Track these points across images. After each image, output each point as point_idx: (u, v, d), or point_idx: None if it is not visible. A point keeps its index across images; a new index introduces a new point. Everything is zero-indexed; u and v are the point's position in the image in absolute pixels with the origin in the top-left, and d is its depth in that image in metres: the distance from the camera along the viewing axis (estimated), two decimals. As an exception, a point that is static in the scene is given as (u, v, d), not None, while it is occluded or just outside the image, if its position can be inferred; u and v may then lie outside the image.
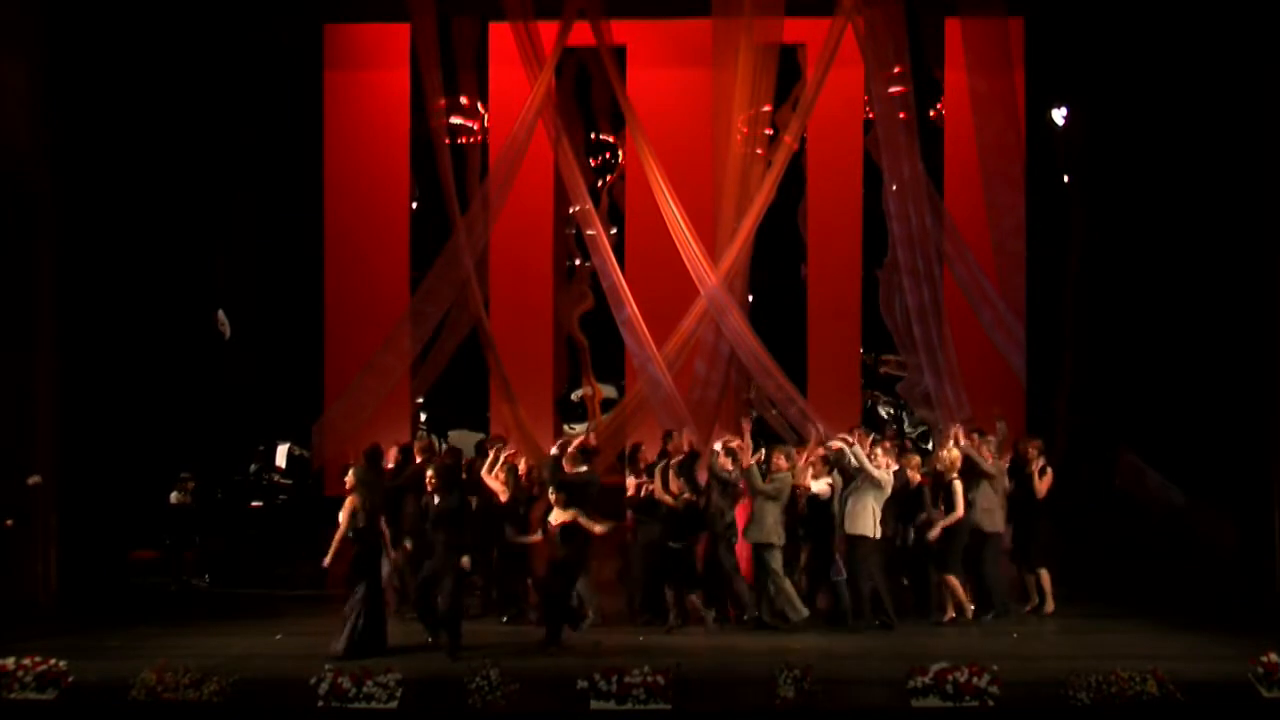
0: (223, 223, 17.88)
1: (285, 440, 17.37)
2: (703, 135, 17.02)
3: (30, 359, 14.22)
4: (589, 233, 17.47)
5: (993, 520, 13.00)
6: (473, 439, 18.00)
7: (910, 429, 19.77)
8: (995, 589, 13.09)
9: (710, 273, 16.43)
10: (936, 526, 12.78)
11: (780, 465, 12.76)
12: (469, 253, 16.94)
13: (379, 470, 13.50)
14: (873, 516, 12.47)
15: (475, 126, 19.04)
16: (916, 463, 13.16)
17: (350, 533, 11.66)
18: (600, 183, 20.12)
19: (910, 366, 17.27)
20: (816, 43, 16.89)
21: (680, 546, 12.78)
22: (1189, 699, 9.85)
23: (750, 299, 17.81)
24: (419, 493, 12.66)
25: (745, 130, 16.78)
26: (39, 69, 14.26)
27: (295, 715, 10.13)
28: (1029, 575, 13.48)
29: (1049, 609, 13.27)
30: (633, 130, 17.05)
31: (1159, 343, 16.36)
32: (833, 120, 17.77)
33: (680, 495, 12.77)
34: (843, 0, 16.44)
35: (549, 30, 16.84)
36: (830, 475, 12.81)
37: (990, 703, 9.78)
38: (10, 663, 10.42)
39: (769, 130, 17.14)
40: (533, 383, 17.85)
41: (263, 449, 17.13)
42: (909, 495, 13.00)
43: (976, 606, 12.99)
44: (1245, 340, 15.03)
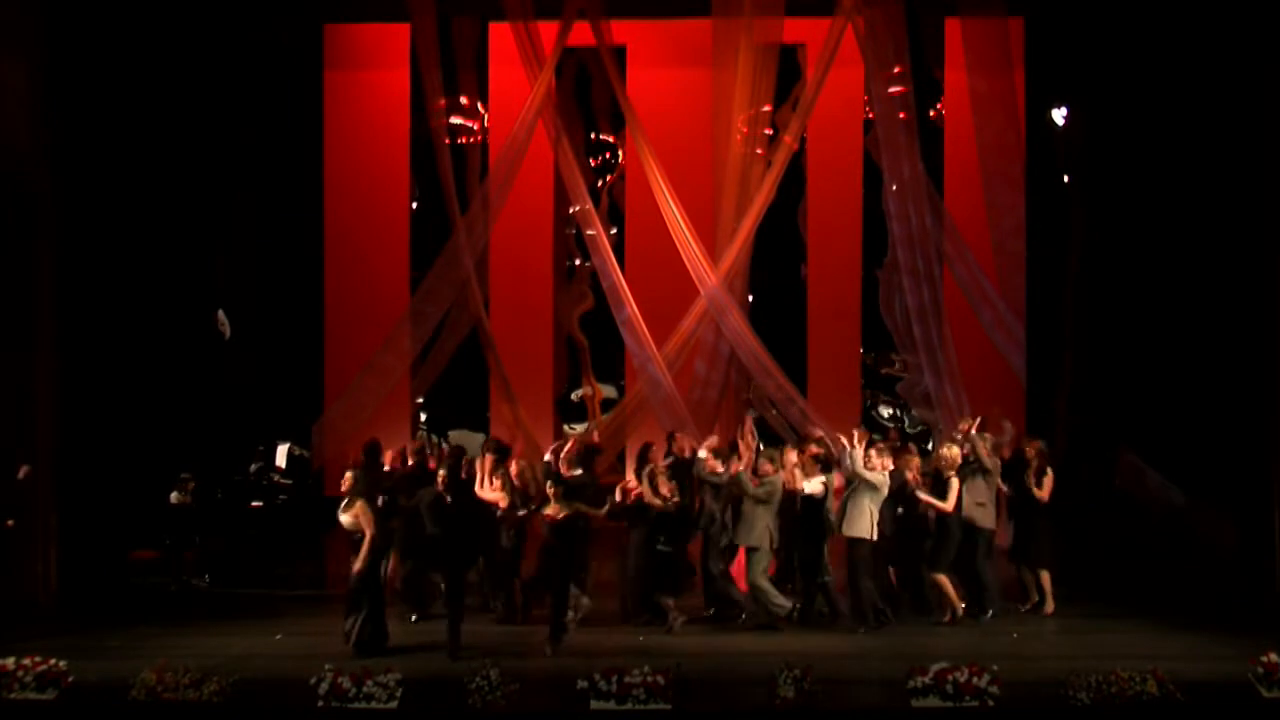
0: (223, 223, 17.88)
1: (285, 440, 17.35)
2: (703, 135, 17.04)
3: (30, 359, 14.21)
4: (589, 233, 17.48)
5: (985, 516, 12.96)
6: (473, 439, 18.05)
7: (910, 428, 19.76)
8: (989, 587, 13.07)
9: (710, 273, 16.44)
10: (923, 498, 12.79)
11: (766, 470, 12.76)
12: (469, 253, 16.95)
13: (377, 467, 13.52)
14: (869, 519, 12.44)
15: (475, 126, 19.05)
16: (916, 464, 13.14)
17: (357, 534, 11.63)
18: (600, 183, 20.12)
19: (910, 366, 17.29)
20: (816, 43, 16.90)
21: (670, 549, 12.73)
22: (1189, 699, 9.86)
23: (750, 299, 17.83)
24: (410, 494, 12.71)
25: (745, 130, 16.79)
26: (39, 69, 14.26)
27: (295, 715, 10.13)
28: (1029, 574, 13.48)
29: (1049, 609, 13.25)
30: (633, 130, 17.06)
31: (1159, 343, 16.35)
32: (833, 120, 17.77)
33: (670, 498, 12.73)
34: (843, 0, 16.45)
35: (549, 30, 16.85)
36: (825, 475, 12.80)
37: (990, 703, 9.78)
38: (10, 663, 10.42)
39: (769, 130, 17.17)
40: (533, 383, 17.86)
41: (263, 449, 17.11)
42: (907, 495, 12.98)
43: (973, 605, 12.97)
44: (1245, 340, 15.02)
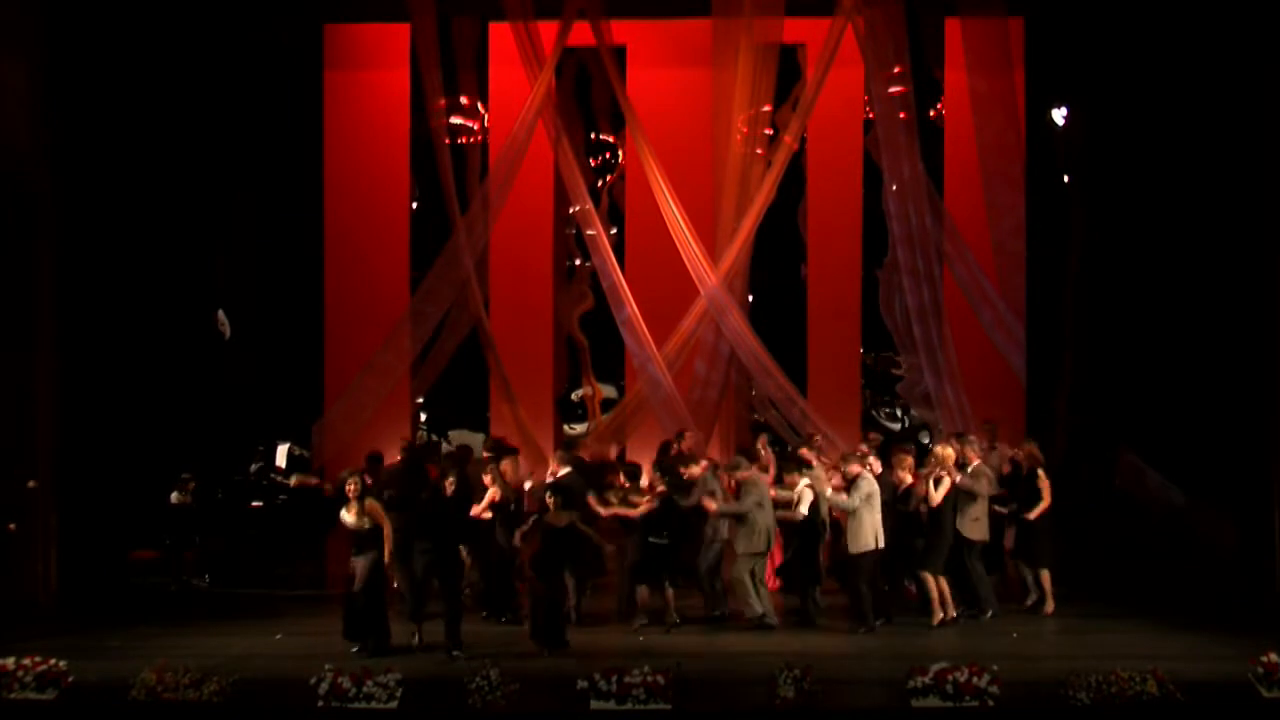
0: (223, 223, 17.89)
1: (285, 440, 17.35)
2: (703, 135, 17.04)
3: (30, 359, 14.20)
4: (589, 233, 17.48)
5: (979, 529, 13.00)
6: (473, 439, 18.05)
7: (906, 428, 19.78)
8: (979, 586, 13.05)
9: (710, 273, 16.44)
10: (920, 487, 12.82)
11: (744, 477, 12.78)
12: (469, 253, 16.95)
13: (378, 475, 13.60)
14: (872, 530, 12.52)
15: (475, 126, 19.07)
16: (910, 464, 13.13)
17: (360, 534, 11.63)
18: (600, 183, 20.14)
19: (910, 366, 17.29)
20: (816, 43, 16.91)
21: (665, 543, 12.68)
22: (1189, 699, 9.87)
23: (750, 299, 17.84)
24: (401, 488, 12.74)
25: (745, 130, 16.79)
26: (39, 69, 14.25)
27: (295, 715, 10.14)
28: (1029, 572, 13.48)
29: (1049, 609, 13.24)
30: (633, 130, 17.06)
31: (1159, 343, 16.36)
32: (833, 120, 17.79)
33: (655, 489, 12.73)
34: (843, 0, 16.46)
35: (549, 30, 16.85)
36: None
37: (990, 703, 9.79)
38: (10, 663, 10.44)
39: (769, 130, 17.18)
40: (533, 383, 17.87)
41: (263, 449, 17.11)
42: (903, 496, 12.98)
43: (968, 607, 12.98)
44: (1245, 340, 15.01)
